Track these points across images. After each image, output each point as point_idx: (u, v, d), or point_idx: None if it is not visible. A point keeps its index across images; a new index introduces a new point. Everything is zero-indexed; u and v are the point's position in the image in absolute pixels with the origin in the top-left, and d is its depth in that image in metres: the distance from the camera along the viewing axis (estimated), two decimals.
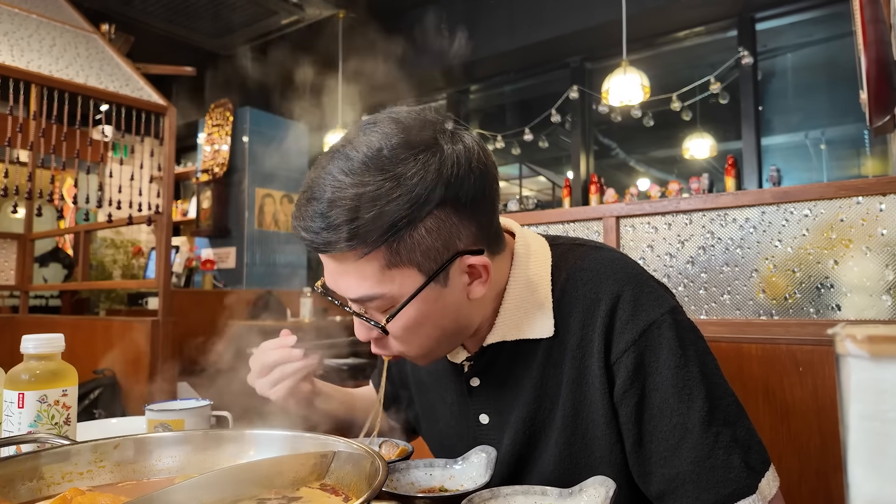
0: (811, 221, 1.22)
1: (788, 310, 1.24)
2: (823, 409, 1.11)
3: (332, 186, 0.66)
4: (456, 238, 0.70)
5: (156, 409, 0.95)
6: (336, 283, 0.72)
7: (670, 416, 0.71)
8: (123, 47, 4.37)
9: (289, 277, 6.09)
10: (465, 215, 0.70)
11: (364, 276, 0.69)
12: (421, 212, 0.66)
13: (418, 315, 0.71)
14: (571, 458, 0.77)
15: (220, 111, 5.99)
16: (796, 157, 5.35)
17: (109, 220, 3.05)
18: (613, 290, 0.75)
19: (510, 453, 0.81)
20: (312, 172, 0.70)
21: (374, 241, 0.66)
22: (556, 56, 5.11)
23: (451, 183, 0.67)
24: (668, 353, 0.72)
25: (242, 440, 0.72)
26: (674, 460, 0.70)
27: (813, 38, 4.63)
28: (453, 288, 0.72)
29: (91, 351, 3.15)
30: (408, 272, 0.69)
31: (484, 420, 0.84)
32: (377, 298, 0.70)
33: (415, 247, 0.67)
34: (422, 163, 0.66)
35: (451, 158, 0.68)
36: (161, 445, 0.71)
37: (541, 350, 0.78)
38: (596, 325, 0.74)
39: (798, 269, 1.23)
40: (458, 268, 0.72)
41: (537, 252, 0.82)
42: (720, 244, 1.33)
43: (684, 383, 0.71)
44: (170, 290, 3.01)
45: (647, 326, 0.73)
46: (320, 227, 0.66)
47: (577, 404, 0.76)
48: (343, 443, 0.67)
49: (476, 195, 0.70)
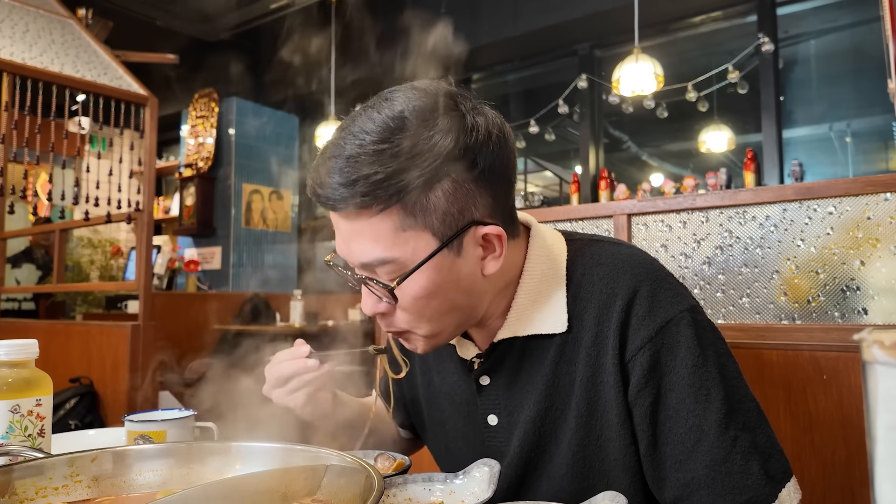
0: (836, 219, 1.22)
1: (812, 314, 1.24)
2: (849, 420, 1.11)
3: (351, 144, 0.69)
4: (472, 205, 0.73)
5: (136, 419, 0.95)
6: (348, 247, 0.74)
7: (686, 418, 0.72)
8: (101, 33, 4.37)
9: (278, 279, 6.09)
10: (482, 184, 0.73)
11: (378, 236, 0.71)
12: (438, 173, 0.69)
13: (430, 283, 0.73)
14: (585, 462, 0.78)
15: (204, 102, 5.99)
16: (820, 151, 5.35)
17: (86, 218, 3.05)
18: (630, 286, 0.76)
19: (519, 456, 0.81)
20: (334, 135, 0.73)
21: (389, 198, 0.68)
22: (564, 42, 5.11)
23: (469, 147, 0.71)
24: (686, 351, 0.73)
25: (228, 453, 0.72)
26: (689, 464, 0.71)
27: (838, 24, 4.63)
28: (467, 259, 0.74)
29: (67, 358, 3.15)
30: (422, 235, 0.71)
31: (492, 421, 0.85)
32: (389, 262, 0.71)
33: (430, 209, 0.70)
34: (442, 125, 0.70)
35: (472, 124, 0.72)
36: (142, 459, 0.71)
37: (553, 347, 0.80)
38: (611, 321, 0.76)
39: (822, 271, 1.23)
40: (473, 238, 0.74)
41: (553, 246, 0.84)
42: (739, 244, 1.33)
43: (701, 383, 0.72)
44: (151, 292, 3.01)
45: (664, 323, 0.74)
46: (338, 182, 0.69)
47: (591, 404, 0.77)
48: (336, 456, 0.66)
49: (494, 165, 0.73)
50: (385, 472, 0.81)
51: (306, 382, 0.86)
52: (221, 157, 5.88)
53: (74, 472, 0.68)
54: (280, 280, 6.10)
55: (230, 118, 5.87)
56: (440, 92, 0.73)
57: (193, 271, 5.62)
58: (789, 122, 4.72)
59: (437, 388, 0.95)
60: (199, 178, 5.83)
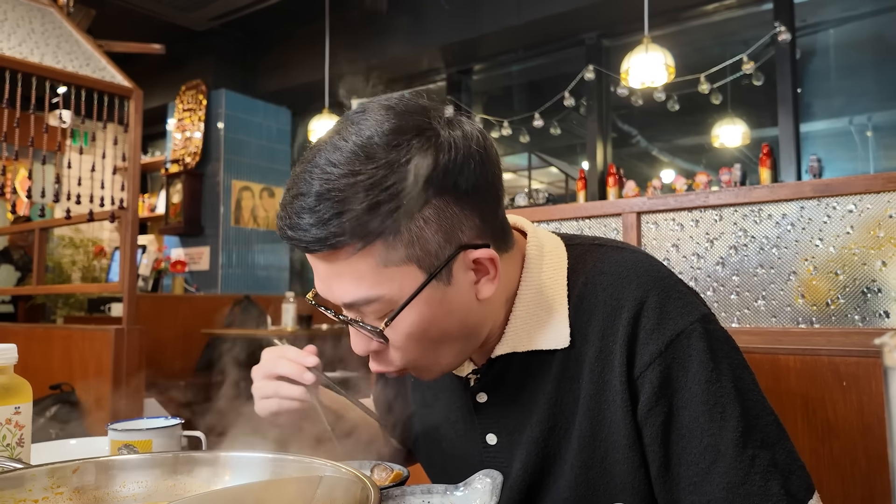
0: (856, 218, 1.22)
1: (830, 317, 1.24)
2: (870, 429, 1.11)
3: (319, 179, 0.66)
4: (458, 230, 0.70)
5: (120, 428, 0.95)
6: (329, 288, 0.72)
7: (700, 437, 0.71)
8: (83, 22, 4.37)
9: (269, 281, 6.10)
10: (467, 205, 0.71)
11: (360, 276, 0.69)
12: (418, 201, 0.67)
13: (421, 319, 0.71)
14: (588, 485, 0.77)
15: (191, 94, 5.99)
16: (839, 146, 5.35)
17: (68, 217, 3.05)
18: (637, 296, 0.75)
19: (521, 479, 0.81)
20: (298, 167, 0.70)
21: (367, 236, 0.66)
22: (570, 32, 5.11)
23: (449, 169, 0.68)
24: (699, 366, 0.72)
25: (217, 464, 0.72)
26: (704, 486, 0.70)
27: (858, 12, 4.63)
28: (459, 287, 0.72)
29: (47, 363, 3.15)
30: (407, 270, 0.69)
31: (491, 441, 0.84)
32: (375, 301, 0.70)
33: (413, 240, 0.68)
34: (416, 148, 0.67)
35: (448, 142, 0.69)
36: (126, 469, 0.71)
37: (555, 363, 0.79)
38: (617, 335, 0.74)
39: (841, 272, 1.23)
40: (463, 264, 0.72)
41: (551, 253, 0.82)
42: (754, 243, 1.33)
43: (716, 400, 0.71)
44: (135, 294, 3.01)
45: (674, 336, 0.73)
46: (308, 223, 0.66)
47: (595, 424, 0.76)
48: (330, 467, 0.66)
49: (477, 183, 0.71)
50: (382, 483, 0.81)
51: (284, 396, 0.85)
52: (210, 153, 5.88)
53: (55, 484, 0.68)
54: (271, 281, 6.11)
55: (219, 111, 5.87)
56: (412, 109, 0.70)
57: (180, 272, 5.62)
58: (807, 115, 4.73)
59: (429, 406, 0.94)
60: (187, 175, 5.83)
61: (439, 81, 5.75)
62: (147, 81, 4.16)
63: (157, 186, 6.81)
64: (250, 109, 6.06)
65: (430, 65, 5.42)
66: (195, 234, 5.90)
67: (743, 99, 4.80)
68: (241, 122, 5.98)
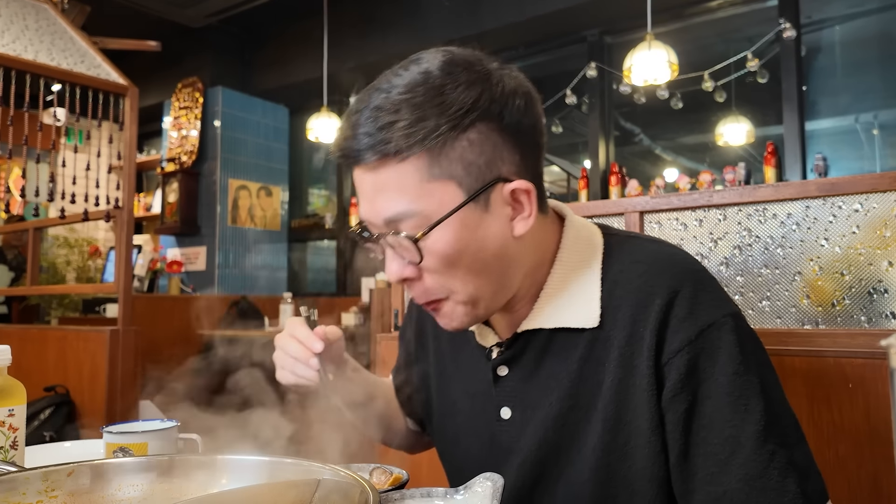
0: (862, 217, 1.22)
1: (836, 318, 1.24)
2: (877, 432, 1.11)
3: (377, 97, 0.74)
4: (499, 160, 0.75)
5: (115, 431, 0.95)
6: (373, 205, 0.76)
7: (722, 428, 0.72)
8: (78, 19, 4.37)
9: (266, 281, 6.10)
10: (509, 139, 0.76)
11: (403, 188, 0.73)
12: (464, 120, 0.73)
13: (456, 239, 0.74)
14: (609, 469, 0.78)
15: (188, 91, 5.99)
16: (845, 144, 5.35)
17: (62, 216, 3.05)
18: (671, 286, 0.77)
19: (535, 455, 0.82)
20: (359, 95, 0.77)
21: (414, 145, 0.72)
22: (572, 28, 5.11)
23: (495, 98, 0.74)
24: (727, 358, 0.74)
25: (214, 467, 0.72)
26: (721, 477, 0.71)
27: (864, 8, 4.63)
28: (495, 217, 0.76)
29: (41, 365, 3.15)
30: (448, 187, 0.74)
31: (505, 414, 0.86)
32: (415, 216, 0.74)
33: (456, 159, 0.73)
34: (467, 75, 0.74)
35: (497, 76, 0.76)
36: (121, 472, 0.71)
37: (582, 343, 0.80)
38: (648, 320, 0.76)
39: (847, 272, 1.23)
40: (500, 196, 0.76)
41: (588, 238, 0.85)
42: (758, 243, 1.33)
43: (741, 392, 0.73)
44: (131, 295, 3.01)
45: (705, 327, 0.75)
46: (363, 132, 0.73)
47: (619, 408, 0.78)
48: (329, 470, 0.67)
49: (521, 121, 0.77)
50: (381, 486, 0.81)
51: (299, 374, 0.88)
52: (206, 151, 5.88)
53: (49, 487, 0.68)
54: (269, 282, 6.11)
55: (216, 109, 5.87)
56: (465, 52, 0.78)
57: (176, 272, 5.62)
58: (812, 113, 4.72)
59: (449, 377, 0.96)
60: (183, 174, 5.83)
61: None
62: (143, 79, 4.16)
63: (152, 185, 6.81)
64: (247, 107, 6.06)
65: None
66: (191, 234, 5.90)
67: (747, 97, 4.80)
68: (238, 120, 5.98)
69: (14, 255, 5.16)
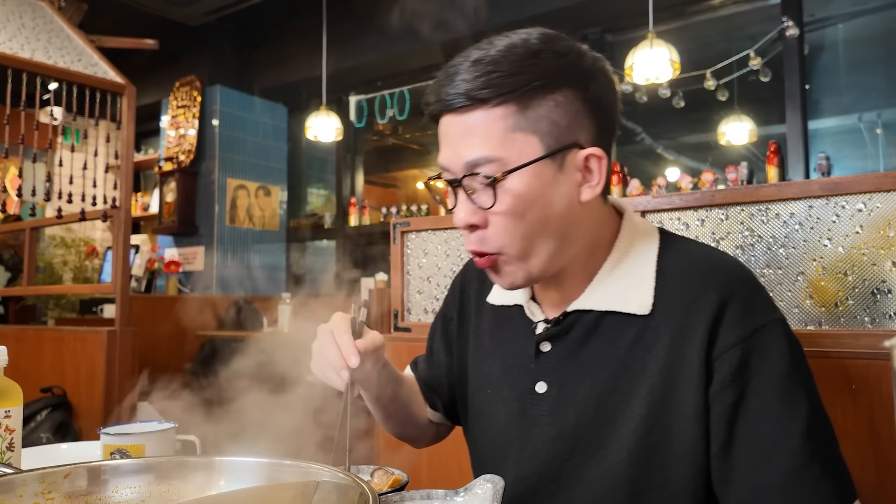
0: (866, 217, 1.22)
1: (839, 318, 1.24)
2: (880, 434, 1.11)
3: (476, 54, 0.81)
4: (578, 126, 0.82)
5: (112, 432, 0.95)
6: (456, 150, 0.82)
7: (768, 423, 0.77)
8: (75, 17, 4.37)
9: (265, 281, 6.09)
10: (590, 110, 0.83)
11: (489, 134, 0.79)
12: (554, 81, 0.80)
13: (529, 189, 0.80)
14: (648, 451, 0.81)
15: (186, 90, 5.99)
16: (848, 143, 5.34)
17: (59, 216, 3.05)
18: (727, 285, 0.81)
19: (572, 430, 0.85)
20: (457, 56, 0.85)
21: (506, 95, 0.78)
22: (572, 27, 5.10)
23: (583, 70, 0.83)
24: (778, 357, 0.79)
25: (212, 468, 0.72)
26: (762, 469, 0.75)
27: (868, 6, 4.63)
28: (566, 178, 0.83)
29: (38, 366, 3.15)
30: (530, 139, 0.80)
31: (540, 389, 0.89)
32: (496, 161, 0.79)
33: (542, 116, 0.80)
34: (562, 46, 0.82)
35: (588, 54, 0.85)
36: (118, 474, 0.71)
37: (632, 329, 0.84)
38: (702, 315, 0.80)
39: (851, 272, 1.23)
40: (574, 160, 0.83)
41: (645, 233, 0.91)
42: (761, 243, 1.33)
43: (790, 391, 0.77)
44: (128, 295, 3.01)
45: (759, 327, 0.79)
46: (460, 79, 0.80)
47: (665, 393, 0.81)
48: (328, 471, 0.66)
49: (602, 97, 0.84)
50: (380, 488, 0.81)
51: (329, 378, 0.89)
52: (204, 150, 5.87)
53: (46, 489, 0.68)
54: (267, 282, 6.10)
55: (214, 108, 5.87)
56: (562, 33, 0.85)
57: (174, 273, 5.62)
58: (815, 112, 4.72)
59: (486, 353, 1.00)
60: (181, 173, 5.83)
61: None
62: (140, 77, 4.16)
63: (150, 185, 6.81)
64: (246, 106, 6.06)
65: (430, 61, 5.42)
66: (189, 234, 5.90)
67: (750, 95, 4.79)
68: (237, 119, 5.97)
69: (10, 254, 5.17)
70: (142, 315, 4.22)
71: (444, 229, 1.80)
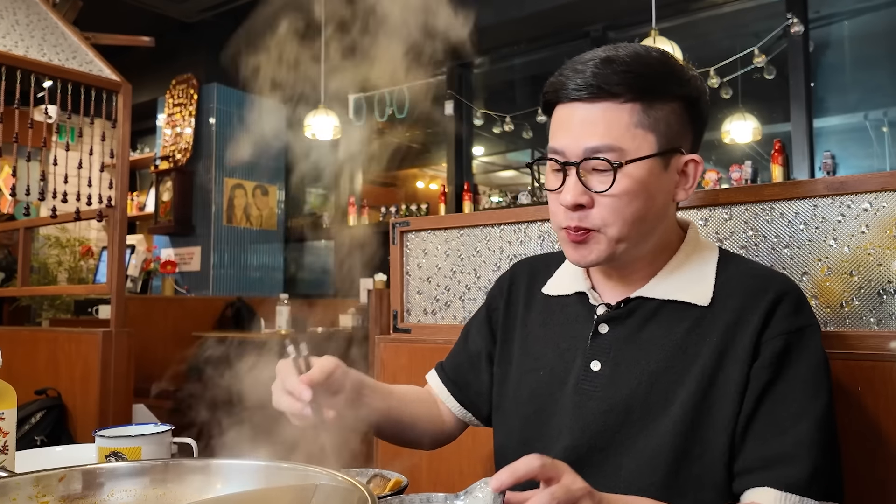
0: (872, 217, 1.22)
1: (845, 319, 1.24)
2: (886, 435, 1.11)
3: (605, 54, 0.91)
4: (684, 134, 0.94)
5: (108, 435, 0.95)
6: (577, 135, 0.90)
7: (790, 404, 0.86)
8: (70, 13, 4.37)
9: (262, 282, 6.10)
10: (693, 124, 0.95)
11: (612, 125, 0.88)
12: (677, 91, 0.92)
13: (640, 181, 0.89)
14: (692, 423, 0.89)
15: (182, 88, 5.99)
16: (854, 142, 5.35)
17: (53, 215, 3.05)
18: (781, 289, 0.92)
19: (624, 404, 0.93)
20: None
21: (635, 93, 0.88)
22: (575, 24, 5.11)
23: (695, 86, 0.95)
24: (812, 355, 0.89)
25: (209, 472, 0.72)
26: (773, 442, 0.85)
27: (874, 3, 4.63)
28: (668, 177, 0.94)
29: (32, 367, 3.15)
30: (648, 137, 0.90)
31: (595, 367, 0.97)
32: (614, 151, 0.88)
33: (662, 118, 0.90)
34: (676, 62, 0.94)
35: (697, 75, 0.97)
36: (114, 477, 0.71)
37: (690, 318, 0.94)
38: (758, 308, 0.91)
39: (856, 272, 1.23)
40: (676, 163, 0.94)
41: (707, 246, 1.02)
42: (765, 243, 1.33)
43: (816, 385, 0.88)
44: (124, 296, 3.01)
45: (804, 326, 0.91)
46: (593, 71, 0.88)
47: (715, 374, 0.90)
48: (326, 475, 0.66)
49: (702, 114, 0.97)
50: (380, 491, 0.81)
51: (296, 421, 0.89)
52: (201, 149, 5.88)
53: (41, 493, 0.68)
54: (265, 283, 6.11)
55: (210, 106, 5.87)
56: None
57: (170, 273, 5.62)
58: (821, 110, 4.72)
59: (536, 338, 1.07)
60: (177, 172, 5.83)
61: (439, 76, 5.75)
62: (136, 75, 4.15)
63: (146, 184, 6.81)
64: (243, 104, 6.06)
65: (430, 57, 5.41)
66: (186, 234, 5.90)
67: (754, 93, 4.79)
68: (234, 117, 5.98)
69: (4, 255, 5.17)
70: (138, 316, 4.22)
71: (443, 229, 1.79)
